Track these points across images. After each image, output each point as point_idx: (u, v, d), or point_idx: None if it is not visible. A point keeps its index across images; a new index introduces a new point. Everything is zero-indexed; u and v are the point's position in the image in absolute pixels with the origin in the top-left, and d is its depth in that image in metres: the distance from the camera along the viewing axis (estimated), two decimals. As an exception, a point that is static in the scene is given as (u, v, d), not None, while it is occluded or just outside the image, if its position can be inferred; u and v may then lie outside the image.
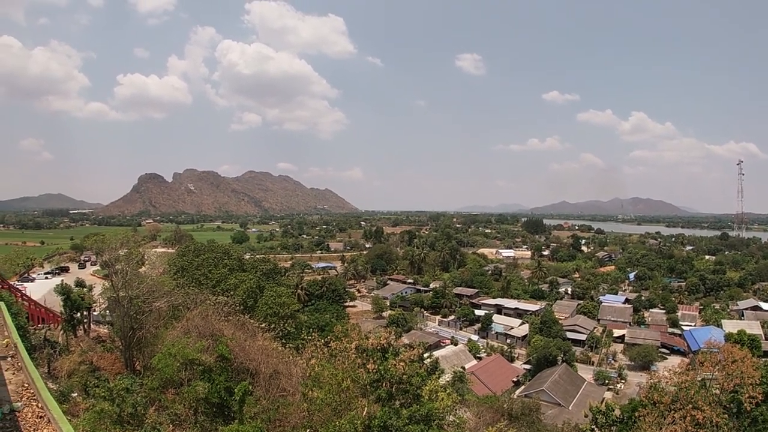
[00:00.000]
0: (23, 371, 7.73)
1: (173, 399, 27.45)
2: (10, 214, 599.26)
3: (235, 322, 38.40)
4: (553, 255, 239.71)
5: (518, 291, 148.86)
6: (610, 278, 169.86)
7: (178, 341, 30.30)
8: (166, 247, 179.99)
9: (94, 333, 48.66)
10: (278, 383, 31.02)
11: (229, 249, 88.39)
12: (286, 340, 49.33)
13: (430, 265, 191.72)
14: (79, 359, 32.17)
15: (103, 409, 21.92)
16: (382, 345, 29.99)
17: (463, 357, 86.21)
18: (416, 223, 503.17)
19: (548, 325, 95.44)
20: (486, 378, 74.78)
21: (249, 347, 33.38)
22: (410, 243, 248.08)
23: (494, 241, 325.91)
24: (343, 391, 26.62)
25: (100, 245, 52.21)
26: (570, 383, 73.38)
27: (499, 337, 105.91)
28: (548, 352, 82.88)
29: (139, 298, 35.37)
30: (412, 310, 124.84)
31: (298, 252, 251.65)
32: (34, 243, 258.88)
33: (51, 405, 5.91)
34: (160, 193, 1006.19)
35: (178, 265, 74.51)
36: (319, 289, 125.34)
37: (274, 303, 66.07)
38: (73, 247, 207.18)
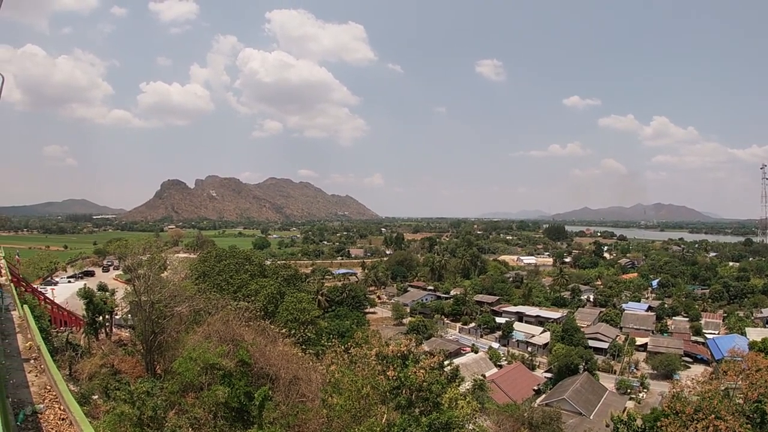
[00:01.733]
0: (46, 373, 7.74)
1: (193, 403, 27.51)
2: (35, 219, 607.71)
3: (256, 327, 38.52)
4: (575, 262, 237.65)
5: (540, 298, 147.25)
6: (633, 285, 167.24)
7: (199, 346, 30.41)
8: (188, 252, 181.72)
9: (115, 336, 49.01)
10: (298, 389, 31.02)
11: (251, 255, 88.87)
12: (306, 346, 49.38)
13: (451, 272, 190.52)
14: (101, 362, 32.38)
15: (124, 411, 22.02)
16: (403, 352, 29.90)
17: (484, 365, 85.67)
18: (437, 229, 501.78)
19: (570, 333, 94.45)
20: (506, 386, 74.18)
21: (269, 353, 33.44)
22: (431, 250, 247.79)
23: (515, 248, 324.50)
24: (362, 398, 26.56)
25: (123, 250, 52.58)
26: (591, 392, 72.53)
27: (520, 345, 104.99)
28: (570, 361, 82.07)
29: (160, 303, 35.58)
30: (433, 317, 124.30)
31: (319, 258, 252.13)
32: (57, 247, 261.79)
33: (73, 407, 5.89)
34: (183, 199, 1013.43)
35: (200, 270, 75.01)
36: (339, 295, 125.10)
37: (295, 309, 66.10)
38: (96, 252, 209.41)
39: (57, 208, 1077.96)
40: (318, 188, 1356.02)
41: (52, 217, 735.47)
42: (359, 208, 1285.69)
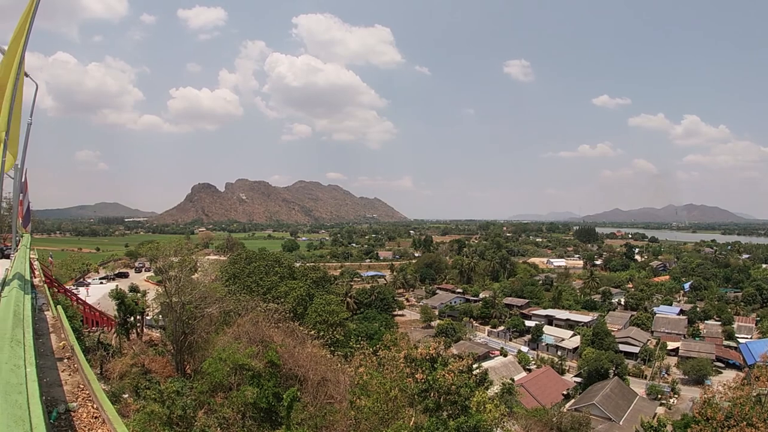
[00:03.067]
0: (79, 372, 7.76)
1: (222, 403, 27.69)
2: (67, 222, 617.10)
3: (285, 329, 38.67)
4: (606, 264, 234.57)
5: (570, 302, 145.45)
6: (665, 288, 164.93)
7: (229, 346, 30.61)
8: (218, 254, 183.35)
9: (146, 337, 49.55)
10: (326, 390, 31.04)
11: (280, 257, 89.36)
12: (334, 348, 49.48)
13: (480, 275, 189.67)
14: (131, 362, 32.72)
15: (154, 410, 22.23)
16: (431, 355, 29.79)
17: (513, 368, 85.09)
18: (466, 231, 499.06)
19: (600, 337, 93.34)
20: (535, 390, 73.58)
21: (298, 354, 33.53)
22: (459, 252, 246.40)
23: (545, 251, 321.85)
24: (390, 400, 26.47)
25: (154, 252, 53.28)
26: (621, 397, 71.61)
27: (550, 348, 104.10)
28: (600, 365, 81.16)
29: (191, 304, 35.92)
30: (461, 320, 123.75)
31: (348, 260, 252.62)
32: (89, 249, 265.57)
33: (106, 406, 5.91)
34: (213, 202, 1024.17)
35: (230, 272, 75.61)
36: (367, 297, 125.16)
37: (324, 311, 66.32)
38: (128, 254, 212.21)
39: (89, 211, 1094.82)
40: (346, 191, 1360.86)
41: (84, 219, 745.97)
42: (388, 211, 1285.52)
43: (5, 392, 3.13)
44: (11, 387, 3.22)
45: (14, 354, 3.96)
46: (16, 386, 3.28)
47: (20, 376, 3.51)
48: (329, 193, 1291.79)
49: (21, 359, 3.95)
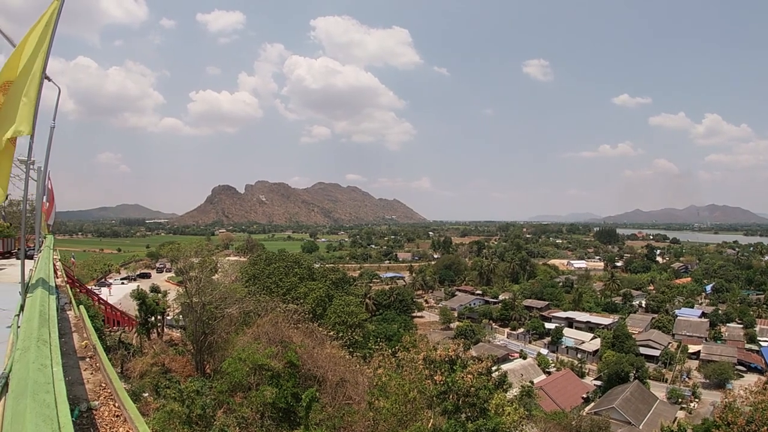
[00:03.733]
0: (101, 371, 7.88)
1: (241, 402, 27.82)
2: (89, 223, 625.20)
3: (304, 329, 38.79)
4: (627, 266, 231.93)
5: (590, 304, 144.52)
6: (686, 290, 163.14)
7: (248, 347, 30.77)
8: (238, 255, 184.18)
9: (166, 336, 49.93)
10: (344, 391, 31.09)
11: (300, 258, 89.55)
12: (353, 349, 49.52)
13: (500, 276, 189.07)
14: (152, 361, 33.00)
15: (173, 409, 22.41)
16: (450, 357, 29.79)
17: (532, 371, 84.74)
18: (485, 233, 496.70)
19: (621, 340, 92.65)
20: (555, 393, 73.22)
21: (317, 355, 33.61)
22: (479, 253, 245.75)
23: (565, 252, 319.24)
24: (409, 402, 26.47)
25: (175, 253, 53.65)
26: (641, 401, 71.02)
27: (570, 351, 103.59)
28: (620, 368, 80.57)
29: (211, 304, 36.17)
30: (481, 321, 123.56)
31: (367, 262, 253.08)
32: (111, 250, 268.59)
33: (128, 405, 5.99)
34: (233, 204, 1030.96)
35: (250, 273, 75.91)
36: (387, 298, 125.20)
37: (343, 312, 66.39)
38: (149, 255, 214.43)
39: (111, 213, 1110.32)
40: (366, 192, 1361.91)
41: (106, 221, 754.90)
42: (407, 212, 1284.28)
43: (33, 391, 3.19)
44: (39, 386, 3.29)
45: (41, 353, 4.03)
46: (44, 385, 3.34)
47: (47, 375, 3.58)
48: (348, 194, 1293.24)
49: (48, 359, 4.01)
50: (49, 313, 6.24)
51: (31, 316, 5.78)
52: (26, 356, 3.89)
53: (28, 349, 4.05)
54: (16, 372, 3.60)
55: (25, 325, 5.41)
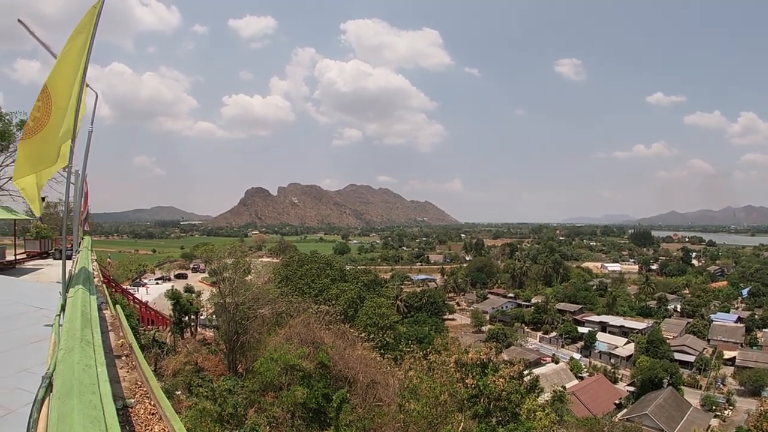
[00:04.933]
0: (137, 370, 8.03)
1: (272, 402, 28.04)
2: (125, 225, 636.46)
3: (336, 331, 38.93)
4: (662, 269, 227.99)
5: (624, 308, 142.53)
6: (722, 294, 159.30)
7: (280, 347, 31.00)
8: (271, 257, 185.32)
9: (200, 336, 50.43)
10: (375, 393, 31.16)
11: (332, 260, 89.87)
12: (384, 351, 49.55)
13: (532, 279, 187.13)
14: (185, 360, 33.37)
15: (205, 407, 22.71)
16: (482, 360, 29.67)
17: (564, 376, 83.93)
18: (517, 235, 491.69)
19: (655, 345, 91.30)
20: (587, 399, 72.43)
21: (348, 356, 33.75)
22: (511, 256, 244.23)
23: (599, 255, 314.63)
24: (440, 405, 26.44)
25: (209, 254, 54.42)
26: (675, 408, 69.92)
27: (603, 356, 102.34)
28: (654, 374, 79.45)
29: (244, 305, 36.49)
30: (513, 325, 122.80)
31: (398, 264, 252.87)
32: (145, 251, 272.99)
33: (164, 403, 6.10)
34: (266, 206, 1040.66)
35: (283, 274, 76.41)
36: (418, 301, 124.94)
37: (374, 314, 66.53)
38: (183, 256, 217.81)
39: (146, 215, 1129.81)
40: (397, 194, 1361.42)
41: (141, 222, 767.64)
42: (438, 214, 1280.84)
43: (80, 392, 3.24)
44: (85, 387, 3.35)
45: (85, 354, 4.11)
46: (89, 386, 3.40)
47: (92, 375, 3.65)
48: (380, 196, 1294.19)
49: (92, 359, 4.09)
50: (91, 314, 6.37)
51: (73, 316, 5.91)
52: (70, 357, 3.97)
53: (72, 350, 4.14)
54: (61, 372, 3.67)
55: (68, 325, 5.53)
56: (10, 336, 10.63)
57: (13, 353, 9.26)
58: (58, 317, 7.83)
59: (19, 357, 8.97)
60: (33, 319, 12.52)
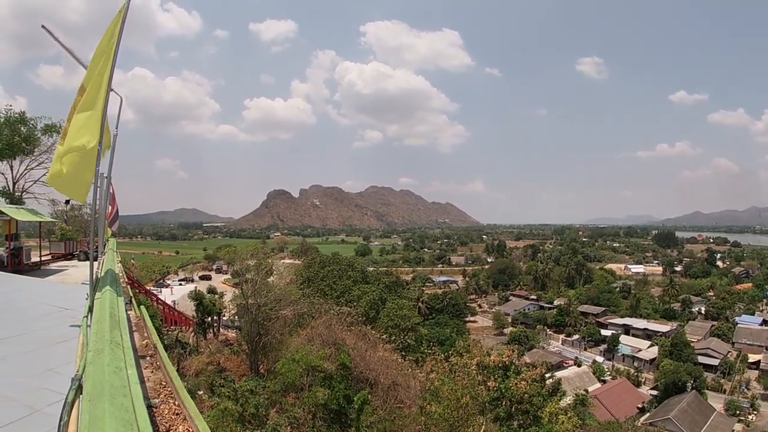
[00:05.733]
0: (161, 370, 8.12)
1: (293, 403, 28.19)
2: (148, 227, 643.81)
3: (357, 332, 39.01)
4: (686, 271, 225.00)
5: (648, 310, 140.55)
6: (747, 297, 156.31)
7: (302, 348, 31.13)
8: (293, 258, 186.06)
9: (222, 336, 50.84)
10: (396, 395, 31.16)
11: (353, 261, 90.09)
12: (405, 353, 49.55)
13: (555, 281, 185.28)
14: (207, 360, 33.71)
15: (227, 407, 22.91)
16: (504, 363, 29.56)
17: (587, 379, 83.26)
18: (540, 236, 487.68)
19: (679, 348, 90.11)
20: (609, 403, 71.76)
21: (369, 357, 33.80)
22: (534, 257, 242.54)
23: (623, 256, 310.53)
24: (461, 408, 26.32)
25: (232, 256, 54.84)
26: (698, 412, 69.00)
27: (626, 359, 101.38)
28: (677, 378, 78.49)
29: (266, 306, 36.74)
30: (535, 327, 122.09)
31: (420, 265, 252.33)
32: (169, 253, 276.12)
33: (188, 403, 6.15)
34: (288, 207, 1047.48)
35: (305, 275, 76.73)
36: (439, 302, 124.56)
37: (396, 315, 66.54)
38: (206, 257, 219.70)
39: (169, 217, 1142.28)
40: (418, 196, 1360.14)
41: (164, 224, 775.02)
42: (460, 215, 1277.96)
43: (111, 395, 3.26)
44: (116, 390, 3.37)
45: (115, 356, 4.16)
46: (120, 389, 3.43)
47: (123, 378, 3.68)
48: (401, 198, 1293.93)
49: (122, 361, 4.13)
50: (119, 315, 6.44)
51: (102, 317, 5.99)
52: (100, 358, 4.02)
53: (102, 352, 4.19)
54: (91, 374, 3.71)
55: (96, 326, 5.61)
56: (36, 336, 10.82)
57: (38, 353, 9.42)
58: (85, 318, 7.95)
59: (45, 357, 9.13)
60: (58, 320, 12.73)
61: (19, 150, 45.33)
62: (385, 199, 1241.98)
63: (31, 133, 45.65)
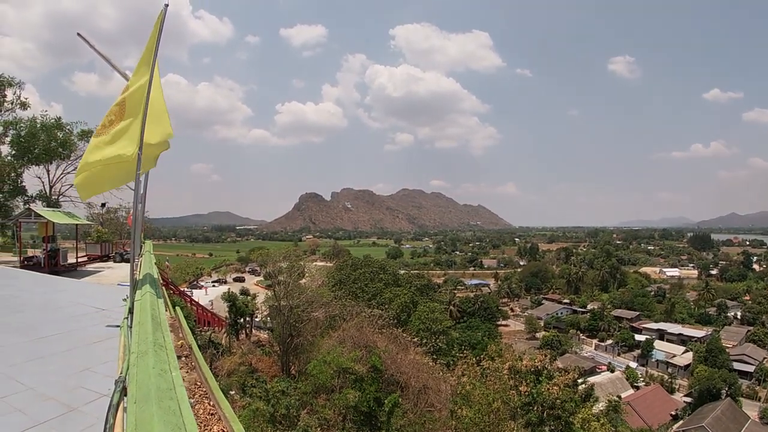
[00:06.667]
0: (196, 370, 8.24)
1: (324, 404, 28.33)
2: (182, 229, 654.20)
3: (389, 335, 39.08)
4: (722, 274, 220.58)
5: (683, 315, 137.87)
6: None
7: (333, 350, 31.28)
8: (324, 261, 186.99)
9: (254, 337, 51.25)
10: (427, 398, 31.18)
11: (385, 264, 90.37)
12: (437, 356, 49.65)
13: (588, 285, 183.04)
14: (239, 360, 33.98)
15: (259, 408, 23.16)
16: (536, 367, 29.33)
17: (620, 385, 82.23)
18: (573, 239, 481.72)
19: (714, 354, 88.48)
20: (642, 409, 70.80)
21: (400, 360, 33.85)
22: (567, 260, 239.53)
23: (657, 259, 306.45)
24: (492, 412, 26.19)
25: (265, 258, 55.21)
26: (732, 420, 67.62)
27: (660, 365, 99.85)
28: (711, 385, 77.13)
29: (298, 308, 36.99)
30: (568, 332, 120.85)
31: (451, 268, 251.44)
32: (202, 255, 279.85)
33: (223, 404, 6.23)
34: (320, 210, 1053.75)
35: (336, 278, 77.18)
36: (471, 306, 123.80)
37: (427, 318, 66.58)
38: (239, 260, 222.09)
39: (203, 220, 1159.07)
40: (450, 198, 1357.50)
41: (198, 227, 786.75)
42: (492, 218, 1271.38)
43: (158, 398, 3.30)
44: (162, 392, 3.41)
45: (159, 358, 4.23)
46: (167, 391, 3.48)
47: (168, 380, 3.75)
48: (432, 200, 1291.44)
49: (166, 363, 4.19)
50: (160, 317, 6.55)
51: (144, 319, 6.10)
52: (145, 361, 4.10)
53: (146, 354, 4.28)
54: (135, 377, 3.79)
55: (139, 328, 5.72)
56: (73, 335, 11.06)
57: (75, 352, 9.65)
58: (126, 320, 8.11)
59: (82, 356, 9.34)
60: (95, 320, 13.01)
61: (56, 155, 46.35)
62: (417, 202, 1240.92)
63: (67, 138, 46.65)
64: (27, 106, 44.67)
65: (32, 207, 36.47)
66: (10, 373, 8.03)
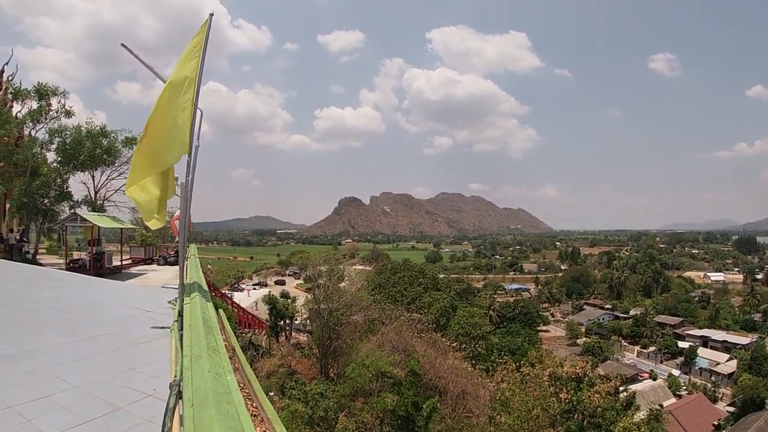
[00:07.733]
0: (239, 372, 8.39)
1: (362, 407, 28.47)
2: (224, 233, 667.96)
3: (427, 339, 39.10)
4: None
5: (727, 321, 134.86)
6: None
7: (372, 353, 31.43)
8: (363, 264, 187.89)
9: (294, 340, 51.67)
10: (465, 404, 31.12)
11: (424, 268, 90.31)
12: (476, 361, 49.34)
13: (631, 290, 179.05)
14: (279, 362, 34.33)
15: (297, 409, 23.44)
16: (577, 374, 29.00)
17: (662, 393, 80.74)
18: (615, 243, 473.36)
19: (758, 362, 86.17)
20: (683, 419, 69.33)
21: (439, 365, 33.85)
22: (609, 265, 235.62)
23: (702, 263, 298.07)
24: (532, 419, 26.01)
25: (305, 262, 55.76)
26: (776, 431, 65.86)
27: (703, 373, 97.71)
28: (756, 394, 75.18)
29: (338, 311, 37.27)
30: (609, 338, 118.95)
31: (491, 273, 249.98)
32: (244, 258, 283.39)
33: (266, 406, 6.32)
34: (359, 214, 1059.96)
35: (376, 282, 77.48)
36: (511, 311, 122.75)
37: (466, 323, 66.31)
38: (279, 263, 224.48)
39: (244, 224, 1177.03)
40: (489, 201, 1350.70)
41: (239, 231, 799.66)
42: (532, 221, 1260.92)
43: (216, 402, 3.33)
44: (220, 396, 3.47)
45: (213, 362, 4.33)
46: (224, 395, 3.54)
47: (224, 384, 3.82)
48: (472, 204, 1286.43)
49: (221, 367, 4.29)
50: (211, 321, 6.69)
51: (195, 323, 6.24)
52: (200, 364, 4.20)
53: (201, 357, 4.38)
54: (191, 380, 3.88)
55: (191, 332, 5.85)
56: (118, 336, 11.37)
57: (120, 353, 9.91)
58: (176, 323, 8.31)
59: (127, 357, 9.60)
60: (140, 321, 13.31)
61: (101, 161, 47.43)
62: (456, 206, 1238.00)
63: (111, 145, 47.71)
64: (71, 114, 45.59)
65: (78, 211, 37.45)
66: (58, 372, 8.26)
